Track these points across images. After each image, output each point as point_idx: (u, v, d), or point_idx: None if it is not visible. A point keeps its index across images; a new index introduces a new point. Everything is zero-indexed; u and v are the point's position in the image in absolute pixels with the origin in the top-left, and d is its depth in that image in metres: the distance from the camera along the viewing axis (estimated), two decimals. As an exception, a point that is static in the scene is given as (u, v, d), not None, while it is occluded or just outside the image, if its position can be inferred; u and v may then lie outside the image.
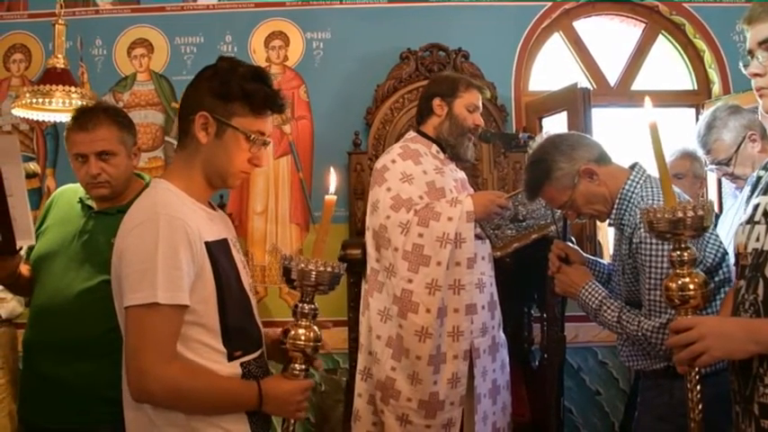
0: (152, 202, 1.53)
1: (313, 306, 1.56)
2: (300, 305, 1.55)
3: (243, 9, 3.82)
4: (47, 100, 2.99)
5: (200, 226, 1.52)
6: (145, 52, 3.80)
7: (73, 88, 3.02)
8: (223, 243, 1.60)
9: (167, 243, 1.44)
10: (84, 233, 2.14)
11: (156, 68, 3.80)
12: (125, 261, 1.47)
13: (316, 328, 1.56)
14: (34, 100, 3.02)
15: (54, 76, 3.04)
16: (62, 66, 3.12)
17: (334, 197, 1.62)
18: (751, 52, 1.61)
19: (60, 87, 2.99)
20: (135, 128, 2.26)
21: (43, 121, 3.37)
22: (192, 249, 1.47)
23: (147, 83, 3.80)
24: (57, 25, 3.20)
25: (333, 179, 1.66)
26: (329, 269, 1.52)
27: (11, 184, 1.83)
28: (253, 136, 1.58)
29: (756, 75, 1.60)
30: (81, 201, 2.22)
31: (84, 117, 2.14)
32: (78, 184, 2.24)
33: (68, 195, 2.27)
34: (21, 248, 1.96)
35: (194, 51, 3.78)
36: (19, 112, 3.17)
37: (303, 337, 1.53)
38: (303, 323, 1.55)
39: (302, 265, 1.51)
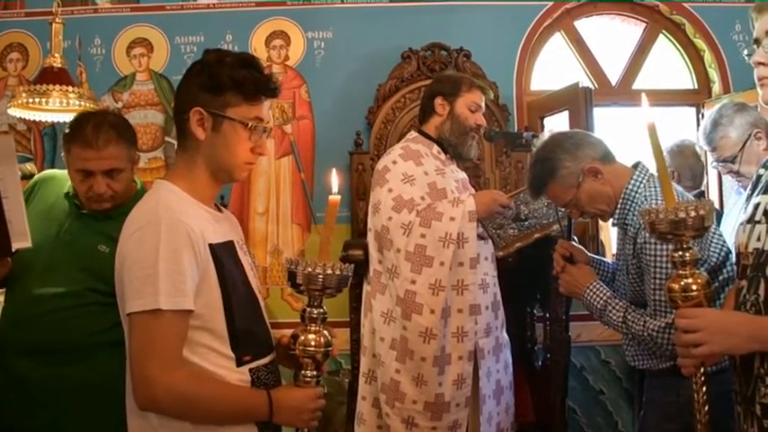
0: (154, 204, 1.48)
1: (321, 310, 1.51)
2: (309, 310, 1.51)
3: (243, 8, 3.80)
4: (44, 100, 2.94)
5: (203, 228, 1.48)
6: (144, 52, 3.77)
7: (70, 88, 2.97)
8: (228, 245, 1.57)
9: (169, 246, 1.40)
10: (68, 233, 2.05)
11: (155, 68, 3.77)
12: (126, 266, 1.43)
13: (326, 332, 1.51)
14: (31, 100, 2.97)
15: (51, 76, 2.99)
16: (59, 65, 3.07)
17: (338, 197, 1.57)
18: (757, 41, 1.61)
19: (57, 87, 2.94)
20: (136, 137, 2.15)
21: (41, 122, 3.33)
22: (195, 252, 1.43)
23: (147, 82, 3.77)
24: (54, 24, 3.16)
25: (335, 179, 1.62)
26: (336, 272, 1.48)
27: (6, 186, 1.81)
28: (251, 123, 1.53)
29: (760, 63, 1.60)
30: (68, 195, 2.11)
31: (90, 132, 1.98)
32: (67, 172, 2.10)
33: (56, 184, 2.13)
34: (16, 251, 1.90)
35: (195, 51, 3.75)
36: (15, 111, 3.12)
37: (313, 343, 1.49)
38: (312, 328, 1.51)
39: (308, 269, 1.47)
